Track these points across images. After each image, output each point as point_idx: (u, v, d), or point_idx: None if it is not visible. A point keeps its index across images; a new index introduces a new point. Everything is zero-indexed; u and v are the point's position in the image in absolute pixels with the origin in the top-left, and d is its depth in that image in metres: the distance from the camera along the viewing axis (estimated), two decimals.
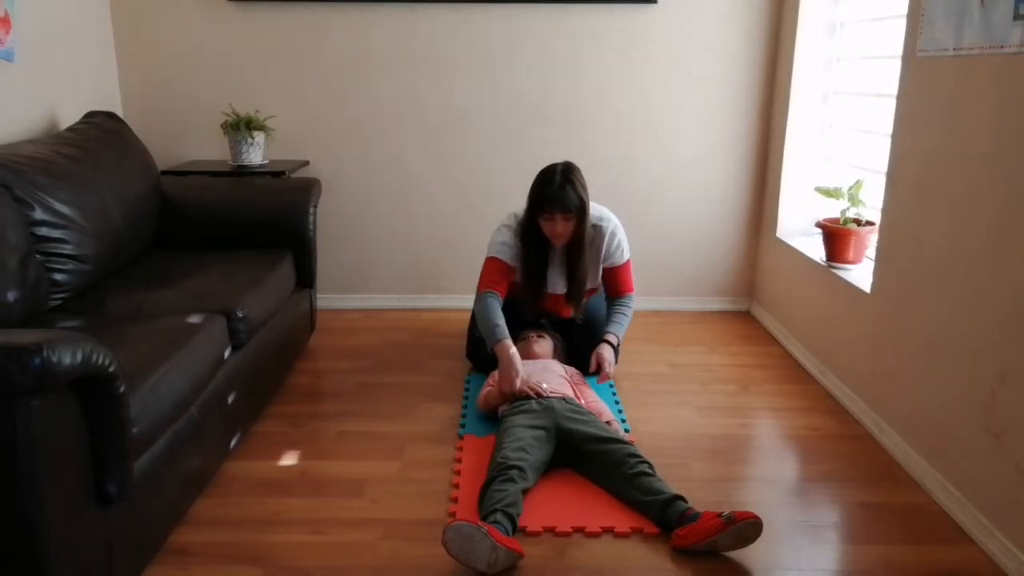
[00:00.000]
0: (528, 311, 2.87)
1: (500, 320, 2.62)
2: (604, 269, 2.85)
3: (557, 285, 2.82)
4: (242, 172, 3.27)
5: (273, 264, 2.76)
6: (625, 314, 2.85)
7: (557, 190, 2.59)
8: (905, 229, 2.38)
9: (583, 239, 2.70)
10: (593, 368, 2.72)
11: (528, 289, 2.80)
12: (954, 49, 2.11)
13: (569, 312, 2.91)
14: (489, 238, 2.82)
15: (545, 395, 2.39)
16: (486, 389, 2.59)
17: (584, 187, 2.65)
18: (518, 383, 2.46)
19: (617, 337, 2.78)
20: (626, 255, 2.86)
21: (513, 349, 2.54)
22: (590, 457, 2.20)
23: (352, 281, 3.72)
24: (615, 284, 2.88)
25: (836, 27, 3.19)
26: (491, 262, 2.75)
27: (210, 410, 2.12)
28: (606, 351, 2.72)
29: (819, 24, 3.20)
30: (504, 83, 3.48)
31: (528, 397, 2.39)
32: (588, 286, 2.82)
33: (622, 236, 2.83)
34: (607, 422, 2.38)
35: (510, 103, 3.51)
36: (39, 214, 2.24)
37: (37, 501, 1.41)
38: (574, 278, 2.77)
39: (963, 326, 2.08)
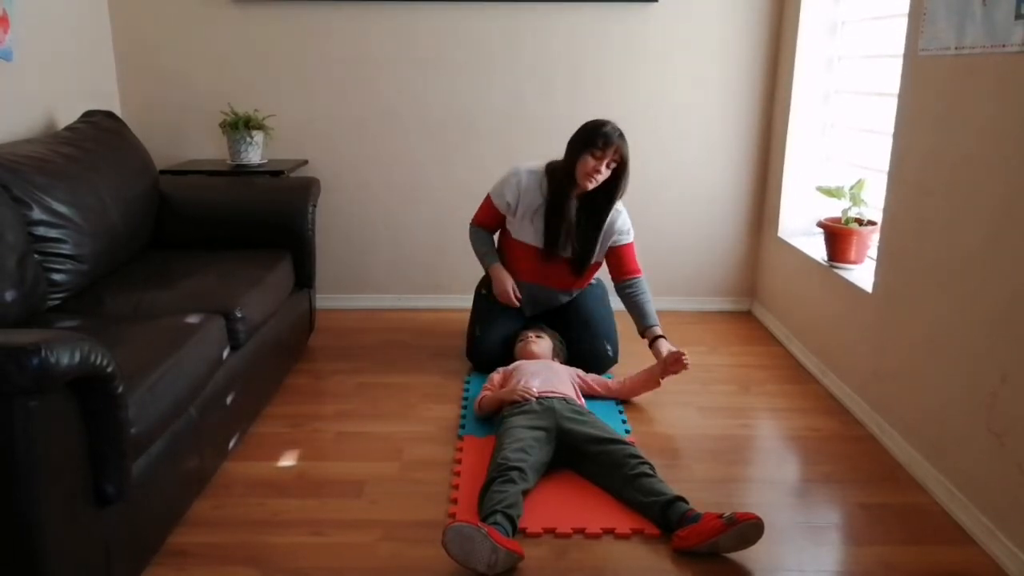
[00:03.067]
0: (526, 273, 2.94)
1: (489, 248, 3.01)
2: (610, 248, 2.86)
3: (566, 247, 2.84)
4: (241, 171, 3.26)
5: (272, 264, 2.76)
6: (650, 300, 2.86)
7: (617, 137, 2.68)
8: (907, 228, 2.37)
9: (617, 193, 2.78)
10: (675, 368, 2.63)
11: (547, 239, 2.83)
12: (956, 48, 2.10)
13: (572, 284, 2.94)
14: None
15: (535, 396, 2.38)
16: (482, 394, 2.57)
17: None
18: (510, 290, 2.88)
19: (660, 327, 2.80)
20: (632, 236, 2.90)
21: (502, 268, 2.93)
22: (590, 458, 2.19)
23: (351, 281, 3.71)
24: (625, 263, 2.88)
25: (837, 26, 3.18)
26: (487, 200, 2.97)
27: (209, 411, 2.11)
28: (669, 345, 2.70)
29: (820, 23, 3.20)
30: (504, 83, 3.47)
31: (526, 400, 2.38)
32: (593, 259, 2.87)
33: (628, 217, 2.90)
34: None
35: (510, 103, 3.50)
36: (37, 214, 2.24)
37: (35, 502, 1.40)
38: (585, 238, 2.82)
39: (965, 326, 2.07)
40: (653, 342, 2.75)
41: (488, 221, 2.99)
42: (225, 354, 2.25)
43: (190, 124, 3.49)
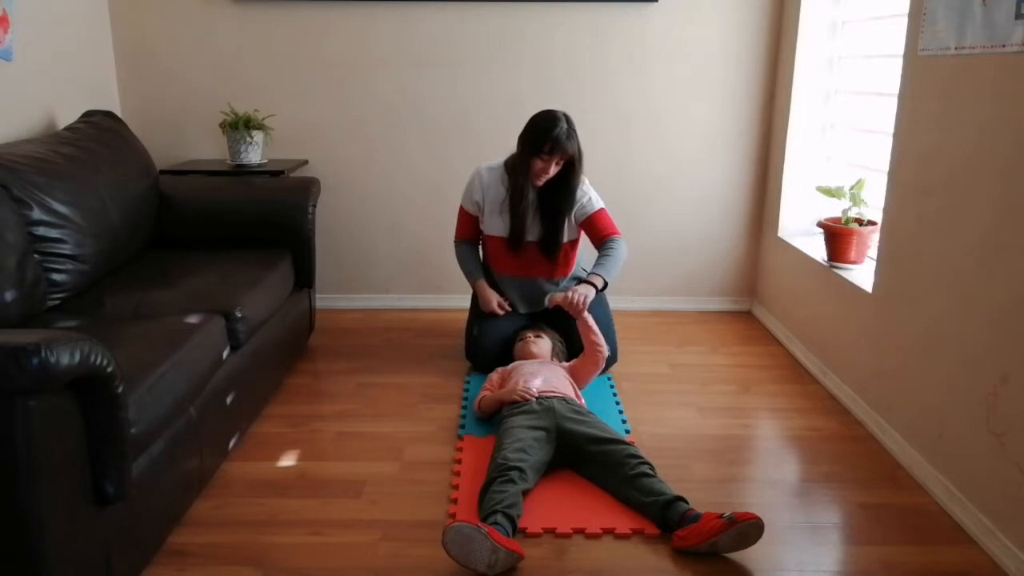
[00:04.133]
0: (505, 265, 2.97)
1: (473, 264, 3.03)
2: (580, 221, 2.88)
3: (531, 231, 2.88)
4: (241, 171, 3.26)
5: (272, 264, 2.76)
6: (611, 256, 2.79)
7: (565, 139, 2.69)
8: (907, 228, 2.37)
9: (572, 184, 2.81)
10: (560, 299, 2.65)
11: (511, 226, 2.87)
12: (956, 48, 2.10)
13: (550, 272, 2.95)
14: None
15: (534, 396, 2.38)
16: (482, 394, 2.57)
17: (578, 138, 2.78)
18: (495, 307, 2.92)
19: (603, 279, 2.73)
20: (598, 203, 2.89)
21: (486, 286, 2.98)
22: (590, 458, 2.19)
23: (351, 281, 3.71)
24: (597, 229, 2.87)
25: (837, 26, 3.18)
26: (460, 210, 3.03)
27: (209, 411, 2.11)
28: (585, 288, 2.66)
29: (820, 23, 3.19)
30: (504, 83, 3.47)
31: (525, 400, 2.38)
32: (564, 238, 2.89)
33: (587, 186, 2.89)
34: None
35: (510, 103, 3.49)
36: (37, 214, 2.24)
37: (35, 501, 1.40)
38: (550, 222, 2.85)
39: (965, 326, 2.07)
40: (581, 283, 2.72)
41: (468, 231, 3.04)
42: (225, 354, 2.25)
43: (190, 124, 3.49)
